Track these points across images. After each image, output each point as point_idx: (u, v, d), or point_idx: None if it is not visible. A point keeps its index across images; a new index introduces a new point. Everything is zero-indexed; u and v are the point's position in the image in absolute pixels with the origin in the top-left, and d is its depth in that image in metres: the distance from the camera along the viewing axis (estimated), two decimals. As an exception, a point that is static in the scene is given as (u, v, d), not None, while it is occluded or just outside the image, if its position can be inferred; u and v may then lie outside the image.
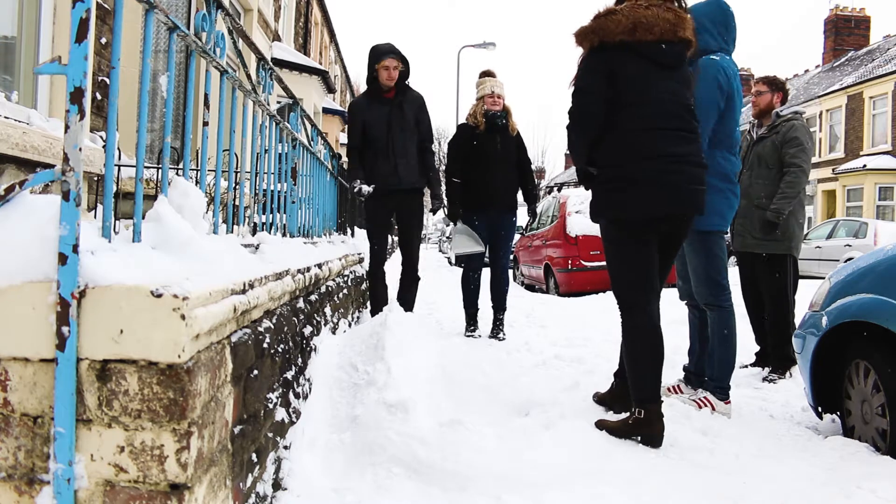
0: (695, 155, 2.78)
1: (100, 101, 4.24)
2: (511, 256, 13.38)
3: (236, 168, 2.18)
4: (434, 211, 5.39)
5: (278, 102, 3.18)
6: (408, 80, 4.76)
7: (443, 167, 6.06)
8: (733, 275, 4.20)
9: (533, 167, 5.80)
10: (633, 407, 2.73)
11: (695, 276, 3.32)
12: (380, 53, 4.59)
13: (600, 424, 2.77)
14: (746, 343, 4.28)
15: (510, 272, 12.14)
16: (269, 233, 2.45)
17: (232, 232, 2.13)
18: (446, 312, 6.43)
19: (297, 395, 2.35)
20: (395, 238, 5.23)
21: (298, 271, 2.33)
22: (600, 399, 3.16)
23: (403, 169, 4.66)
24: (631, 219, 2.75)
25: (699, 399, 3.20)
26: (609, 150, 2.76)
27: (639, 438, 2.68)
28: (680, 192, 2.71)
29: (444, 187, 5.36)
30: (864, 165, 21.37)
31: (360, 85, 49.81)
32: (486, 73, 5.48)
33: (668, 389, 3.41)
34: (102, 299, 1.19)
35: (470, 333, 5.32)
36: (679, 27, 2.71)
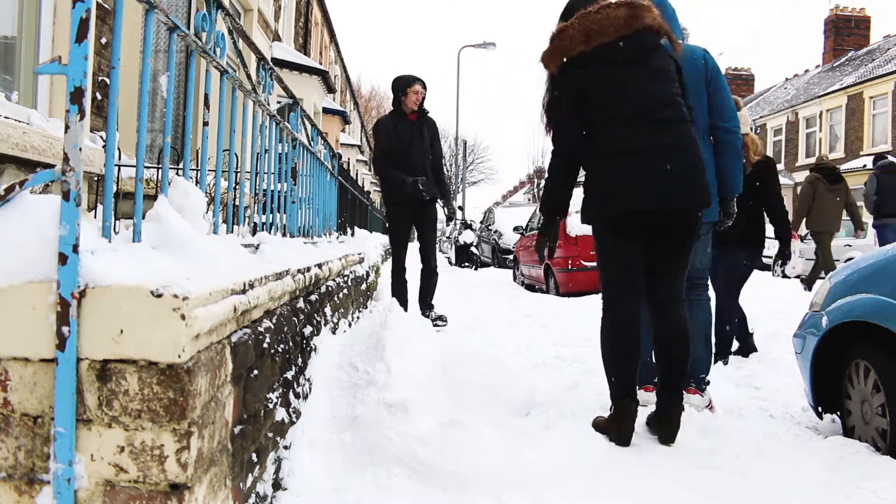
0: (670, 143, 2.64)
1: (100, 101, 4.24)
2: (511, 256, 13.43)
3: (236, 168, 2.18)
4: (449, 220, 5.94)
5: (278, 102, 3.18)
6: (425, 106, 5.45)
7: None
8: None
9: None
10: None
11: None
12: (410, 80, 5.38)
13: (593, 422, 2.79)
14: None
15: (511, 272, 12.08)
16: (269, 233, 2.45)
17: (232, 232, 2.13)
18: (446, 313, 6.42)
19: (297, 395, 2.35)
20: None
21: (298, 271, 2.33)
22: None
23: (423, 183, 5.30)
24: (595, 218, 2.78)
25: None
26: (584, 154, 2.77)
27: (610, 436, 2.65)
28: (644, 186, 2.61)
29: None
30: (865, 165, 21.34)
31: (361, 85, 49.84)
32: None
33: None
34: (102, 299, 1.19)
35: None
36: (634, 19, 2.65)
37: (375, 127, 5.62)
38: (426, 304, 5.54)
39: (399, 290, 5.43)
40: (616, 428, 2.66)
